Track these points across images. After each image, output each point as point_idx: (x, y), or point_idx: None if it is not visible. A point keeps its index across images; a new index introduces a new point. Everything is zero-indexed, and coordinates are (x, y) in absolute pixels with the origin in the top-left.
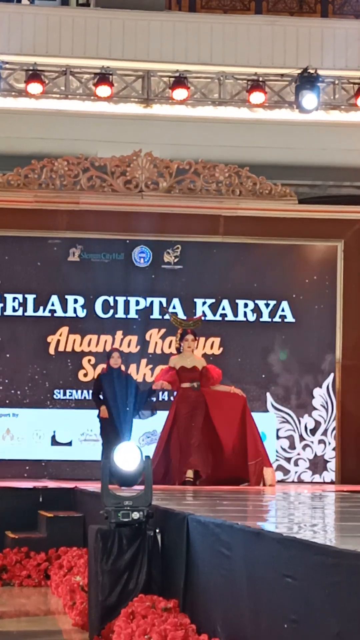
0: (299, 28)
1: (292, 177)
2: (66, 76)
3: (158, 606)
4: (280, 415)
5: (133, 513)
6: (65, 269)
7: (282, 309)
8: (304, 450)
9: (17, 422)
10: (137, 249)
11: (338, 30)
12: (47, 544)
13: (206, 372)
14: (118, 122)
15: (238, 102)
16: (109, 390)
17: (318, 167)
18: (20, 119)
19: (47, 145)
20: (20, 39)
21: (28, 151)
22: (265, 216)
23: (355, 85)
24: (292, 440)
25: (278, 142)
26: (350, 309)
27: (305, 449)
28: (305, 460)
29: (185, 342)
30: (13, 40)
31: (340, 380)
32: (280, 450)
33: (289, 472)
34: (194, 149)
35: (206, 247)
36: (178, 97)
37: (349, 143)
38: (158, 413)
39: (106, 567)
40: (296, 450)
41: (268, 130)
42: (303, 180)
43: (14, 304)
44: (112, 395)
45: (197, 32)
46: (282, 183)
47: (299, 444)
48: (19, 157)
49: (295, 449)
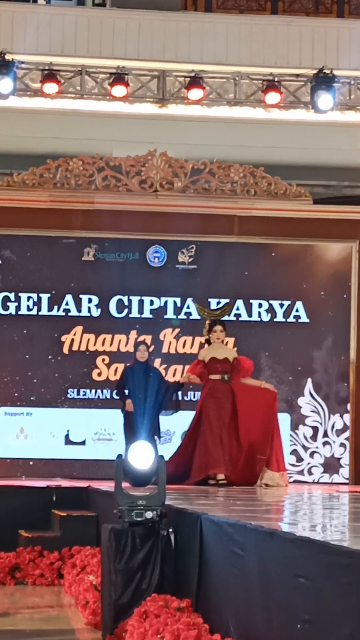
0: (315, 28)
1: (307, 177)
2: (82, 76)
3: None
4: (313, 404)
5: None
6: (80, 268)
7: (297, 309)
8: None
9: (31, 421)
10: (152, 248)
11: (354, 30)
12: (60, 542)
13: (237, 363)
14: (133, 122)
15: (253, 102)
16: (133, 385)
17: (333, 167)
18: (35, 118)
19: (62, 145)
20: (36, 38)
21: (43, 151)
22: (280, 216)
23: None
24: (315, 432)
25: (293, 142)
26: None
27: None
28: (321, 455)
29: (214, 333)
30: (29, 39)
31: (354, 381)
32: (301, 437)
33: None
34: (209, 149)
35: (221, 247)
36: (193, 97)
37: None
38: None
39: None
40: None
41: (283, 131)
42: (318, 180)
43: (28, 303)
44: (134, 390)
45: (213, 32)
46: (297, 183)
47: (321, 439)
48: (34, 157)
49: (316, 441)
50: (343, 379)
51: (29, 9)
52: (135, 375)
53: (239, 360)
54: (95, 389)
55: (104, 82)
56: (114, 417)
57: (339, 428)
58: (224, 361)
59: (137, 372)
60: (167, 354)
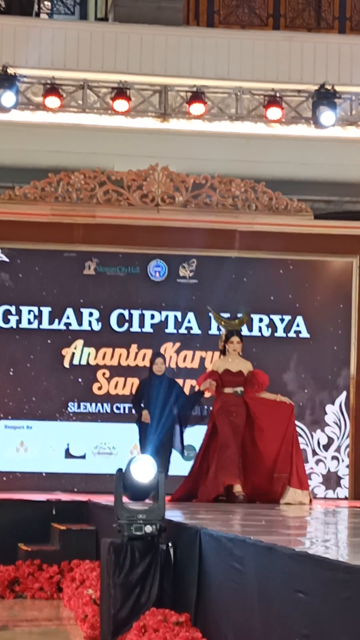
0: (317, 44)
1: (308, 192)
2: (84, 90)
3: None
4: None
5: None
6: (81, 282)
7: (297, 324)
8: (317, 465)
9: (31, 435)
10: (153, 262)
11: (356, 46)
12: (59, 556)
13: (252, 377)
14: (135, 137)
15: (255, 118)
16: (150, 399)
17: (334, 182)
18: (37, 132)
19: (64, 159)
20: (39, 52)
21: (45, 164)
22: (281, 231)
23: None
24: (305, 455)
25: (294, 157)
26: None
27: (318, 464)
28: (319, 474)
29: (231, 344)
30: (31, 54)
31: (354, 396)
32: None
33: None
34: (211, 164)
35: (222, 262)
36: (195, 112)
37: None
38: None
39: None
40: (309, 465)
41: (285, 146)
42: (319, 196)
43: (29, 317)
44: (151, 404)
45: (215, 47)
46: (298, 198)
47: (312, 458)
48: (36, 170)
49: (307, 462)
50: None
51: (32, 24)
52: (152, 389)
53: (254, 374)
54: (96, 402)
55: (105, 97)
56: (115, 431)
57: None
58: (237, 374)
59: (154, 386)
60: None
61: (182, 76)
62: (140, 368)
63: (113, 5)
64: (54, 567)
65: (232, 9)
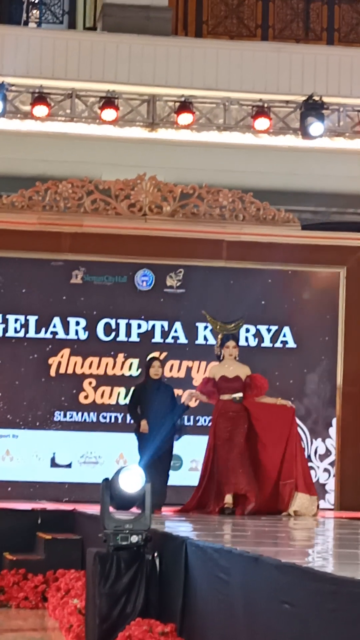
0: (305, 55)
1: (296, 203)
2: (72, 99)
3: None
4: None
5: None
6: (68, 291)
7: (284, 334)
8: None
9: (16, 443)
10: (140, 272)
11: (344, 57)
12: (45, 566)
13: (250, 381)
14: (123, 146)
15: (243, 128)
16: (146, 404)
17: (321, 193)
18: (25, 141)
19: (52, 168)
20: (27, 61)
21: (33, 173)
22: (268, 241)
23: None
24: None
25: (282, 168)
26: (352, 335)
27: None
28: None
29: (227, 349)
30: (19, 62)
31: (340, 406)
32: None
33: None
34: (198, 174)
35: (209, 272)
36: (183, 122)
37: (352, 170)
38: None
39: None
40: None
41: (272, 156)
42: (306, 206)
43: (15, 325)
44: (148, 410)
45: (203, 58)
46: (286, 209)
47: None
48: (24, 179)
49: None
50: (330, 404)
51: (20, 32)
52: (149, 394)
53: (252, 378)
54: (82, 411)
55: (94, 106)
56: (101, 440)
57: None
58: (234, 380)
59: (151, 391)
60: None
61: (170, 86)
62: (126, 377)
63: (102, 15)
64: (39, 577)
65: (221, 20)
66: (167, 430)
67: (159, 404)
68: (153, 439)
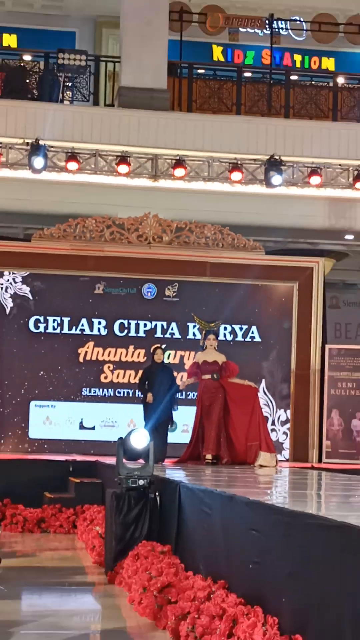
0: (268, 125)
1: (261, 235)
2: (95, 157)
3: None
4: (265, 400)
5: (139, 480)
6: (92, 299)
7: (252, 332)
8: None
9: (54, 412)
10: (146, 285)
11: (296, 128)
12: (75, 502)
13: (225, 365)
14: (133, 192)
15: (222, 179)
16: (152, 384)
17: (280, 228)
18: (61, 188)
19: (80, 208)
20: (62, 129)
21: (66, 212)
22: (241, 263)
23: (308, 168)
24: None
25: (251, 209)
26: (302, 333)
27: (271, 432)
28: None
29: (208, 340)
30: (57, 130)
31: (294, 384)
32: None
33: None
34: (189, 213)
35: (197, 285)
36: (178, 175)
37: (302, 211)
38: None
39: (118, 520)
40: None
41: (244, 201)
42: (269, 237)
43: (53, 324)
44: (154, 388)
45: (193, 127)
46: (253, 239)
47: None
48: (60, 216)
49: None
50: (285, 383)
51: (57, 107)
52: (155, 375)
53: (227, 364)
54: (103, 388)
55: (112, 162)
56: (116, 409)
57: (283, 420)
58: (213, 364)
59: (156, 372)
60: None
61: (168, 148)
62: (135, 363)
63: (118, 95)
64: (70, 510)
65: (206, 99)
66: (166, 402)
67: (161, 381)
68: (156, 408)
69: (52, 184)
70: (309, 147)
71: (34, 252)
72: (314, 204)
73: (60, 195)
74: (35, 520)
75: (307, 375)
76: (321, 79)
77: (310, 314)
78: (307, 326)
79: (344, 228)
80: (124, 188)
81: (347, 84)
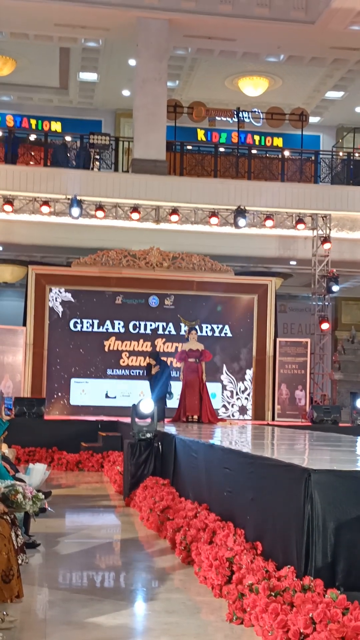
0: (236, 185)
1: (231, 261)
2: (116, 208)
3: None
4: (229, 378)
5: (147, 434)
6: (114, 307)
7: (225, 329)
8: (237, 400)
9: (88, 386)
10: (151, 297)
11: (257, 186)
12: (102, 449)
13: (203, 352)
14: (142, 232)
15: (204, 223)
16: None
17: (244, 256)
18: (92, 229)
19: (105, 243)
20: (92, 188)
21: (95, 246)
22: (217, 281)
23: (264, 215)
24: (232, 393)
25: (224, 243)
26: (260, 329)
27: (237, 400)
28: (236, 405)
29: (191, 334)
30: (89, 189)
31: (254, 366)
32: (226, 397)
33: (228, 409)
34: (182, 247)
35: (187, 297)
36: (173, 220)
37: (260, 244)
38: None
39: (132, 461)
40: (232, 399)
41: (219, 238)
42: (237, 263)
43: (87, 325)
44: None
45: (184, 186)
46: (226, 264)
47: (234, 397)
48: (91, 249)
49: (232, 398)
50: (249, 365)
51: (88, 173)
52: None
53: (204, 352)
54: (121, 369)
55: (127, 211)
56: (131, 384)
57: (243, 390)
58: (195, 351)
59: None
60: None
61: (167, 201)
62: (144, 352)
63: (131, 164)
64: (99, 455)
65: (193, 167)
66: (164, 380)
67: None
68: (157, 383)
69: (85, 227)
70: (265, 200)
71: (74, 275)
72: (268, 240)
73: (91, 234)
74: (74, 462)
75: (264, 360)
76: (273, 152)
77: (266, 317)
78: (264, 325)
79: (289, 256)
80: (135, 229)
81: (291, 156)
